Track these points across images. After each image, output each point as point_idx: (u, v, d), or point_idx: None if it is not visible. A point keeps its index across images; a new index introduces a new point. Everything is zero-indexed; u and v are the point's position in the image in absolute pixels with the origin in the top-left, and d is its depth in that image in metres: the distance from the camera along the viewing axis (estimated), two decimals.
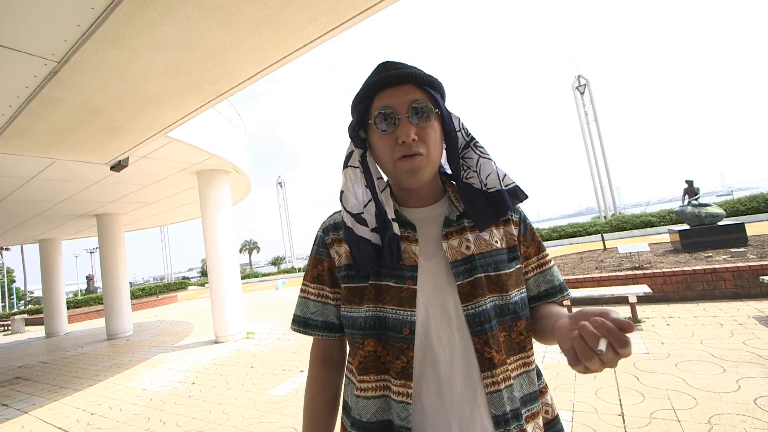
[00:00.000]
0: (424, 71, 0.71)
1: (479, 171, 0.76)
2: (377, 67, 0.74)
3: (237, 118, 7.65)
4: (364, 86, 0.73)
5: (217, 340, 7.01)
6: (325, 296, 0.79)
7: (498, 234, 0.75)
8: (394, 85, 0.70)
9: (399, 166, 0.69)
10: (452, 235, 0.73)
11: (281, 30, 2.17)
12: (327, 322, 0.78)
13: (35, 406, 4.63)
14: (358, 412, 0.69)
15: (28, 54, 2.00)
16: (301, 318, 0.81)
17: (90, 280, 37.38)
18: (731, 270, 4.92)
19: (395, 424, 0.65)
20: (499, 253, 0.73)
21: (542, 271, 0.80)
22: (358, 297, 0.72)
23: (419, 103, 0.69)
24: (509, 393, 0.66)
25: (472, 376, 0.66)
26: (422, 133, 0.68)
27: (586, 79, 22.72)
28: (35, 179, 5.73)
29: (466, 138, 0.78)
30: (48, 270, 12.33)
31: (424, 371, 0.66)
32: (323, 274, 0.79)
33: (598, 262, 7.93)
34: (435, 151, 0.71)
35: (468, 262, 0.70)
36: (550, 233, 19.38)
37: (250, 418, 3.32)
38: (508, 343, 0.69)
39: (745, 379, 2.68)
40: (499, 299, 0.70)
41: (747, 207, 14.86)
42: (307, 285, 0.81)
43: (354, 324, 0.72)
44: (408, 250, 0.72)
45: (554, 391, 2.95)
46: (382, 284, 0.70)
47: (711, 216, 7.55)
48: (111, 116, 2.92)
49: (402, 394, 0.65)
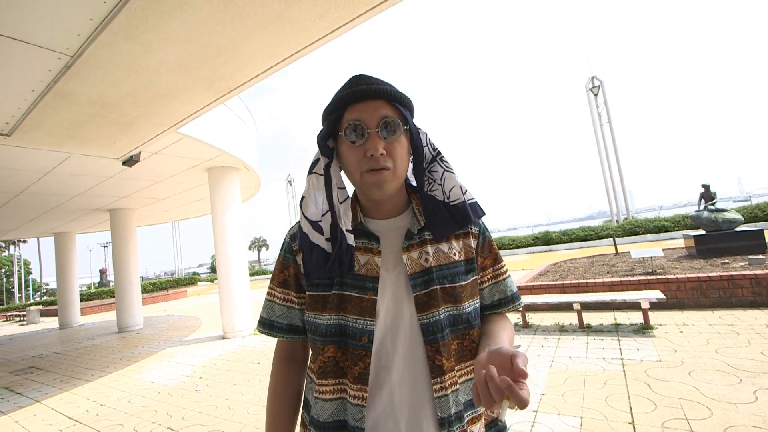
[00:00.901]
0: (395, 88, 0.74)
1: (443, 184, 0.80)
2: (349, 80, 0.76)
3: (247, 115, 7.71)
4: (335, 98, 0.75)
5: (225, 335, 7.07)
6: (290, 300, 0.82)
7: (457, 246, 0.79)
8: (365, 100, 0.72)
9: (366, 179, 0.72)
10: (413, 247, 0.76)
11: (292, 26, 2.16)
12: (291, 325, 0.82)
13: (47, 396, 4.73)
14: (317, 412, 0.73)
15: (42, 48, 2.03)
16: (267, 320, 0.83)
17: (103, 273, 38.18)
18: (749, 277, 4.77)
19: (350, 425, 0.70)
20: (457, 265, 0.77)
21: (497, 282, 0.84)
22: (321, 305, 0.75)
23: (389, 119, 0.71)
24: (455, 397, 0.71)
25: (422, 381, 0.71)
26: (390, 148, 0.71)
27: (600, 80, 22.36)
28: (51, 173, 5.85)
29: (433, 152, 0.82)
30: (62, 263, 12.61)
31: (379, 377, 0.71)
32: (289, 280, 0.81)
33: (610, 266, 7.77)
34: (401, 165, 0.74)
35: (426, 274, 0.74)
36: (560, 236, 19.08)
37: (256, 414, 3.33)
38: (460, 351, 0.74)
39: (763, 390, 2.59)
40: (453, 309, 0.74)
41: (766, 213, 14.44)
42: (273, 289, 0.84)
43: (316, 330, 0.75)
44: (371, 262, 0.75)
45: (562, 396, 2.89)
46: (345, 294, 0.73)
47: (728, 221, 7.34)
48: (123, 111, 2.96)
49: (358, 398, 0.70)
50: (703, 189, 8.12)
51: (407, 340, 0.72)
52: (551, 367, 3.52)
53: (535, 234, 20.31)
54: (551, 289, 6.00)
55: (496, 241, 11.91)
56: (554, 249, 18.65)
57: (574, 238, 18.65)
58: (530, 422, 2.56)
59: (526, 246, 19.79)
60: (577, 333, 4.48)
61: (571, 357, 3.71)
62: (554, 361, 3.64)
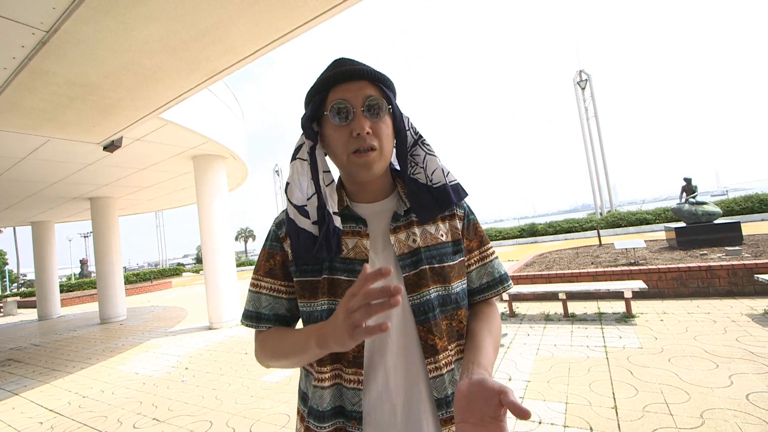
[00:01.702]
0: (377, 69, 0.74)
1: (426, 167, 0.81)
2: (333, 62, 0.76)
3: (234, 103, 7.52)
4: (319, 80, 0.74)
5: (212, 326, 6.99)
6: (277, 290, 0.79)
7: (443, 228, 0.80)
8: (349, 80, 0.72)
9: (353, 160, 0.71)
10: (400, 229, 0.77)
11: (282, 4, 2.09)
12: (278, 314, 0.79)
13: (26, 388, 4.60)
14: (315, 401, 0.72)
15: (13, 21, 1.91)
16: (254, 313, 0.80)
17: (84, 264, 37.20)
18: (726, 268, 4.94)
19: (346, 409, 0.70)
20: (444, 246, 0.78)
21: (484, 264, 0.84)
22: (310, 291, 0.74)
23: (373, 99, 0.71)
24: (450, 377, 0.71)
25: (416, 362, 0.71)
26: (376, 128, 0.71)
27: (588, 74, 22.58)
28: (28, 159, 5.61)
29: (415, 136, 0.82)
30: (41, 253, 12.22)
31: (373, 360, 0.71)
32: (275, 268, 0.79)
33: (594, 257, 7.95)
34: (387, 145, 0.74)
35: (414, 254, 0.75)
36: (546, 228, 19.42)
37: (244, 404, 3.31)
38: (449, 331, 0.74)
39: (738, 375, 2.69)
40: (442, 290, 0.75)
41: (742, 207, 14.96)
42: (259, 279, 0.81)
43: (310, 317, 0.74)
44: (359, 245, 0.75)
45: (548, 383, 2.95)
46: (335, 278, 0.73)
47: (708, 214, 7.58)
48: (104, 93, 2.83)
49: (354, 381, 0.70)
50: (685, 182, 8.34)
51: (399, 322, 0.72)
52: (537, 354, 3.59)
53: (522, 225, 20.63)
54: (537, 279, 6.10)
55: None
56: (540, 240, 18.99)
57: (559, 229, 19.02)
58: None
59: (512, 237, 20.09)
60: (562, 322, 4.58)
61: (557, 345, 3.79)
62: (540, 349, 3.72)
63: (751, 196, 15.20)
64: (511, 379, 3.10)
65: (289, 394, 3.39)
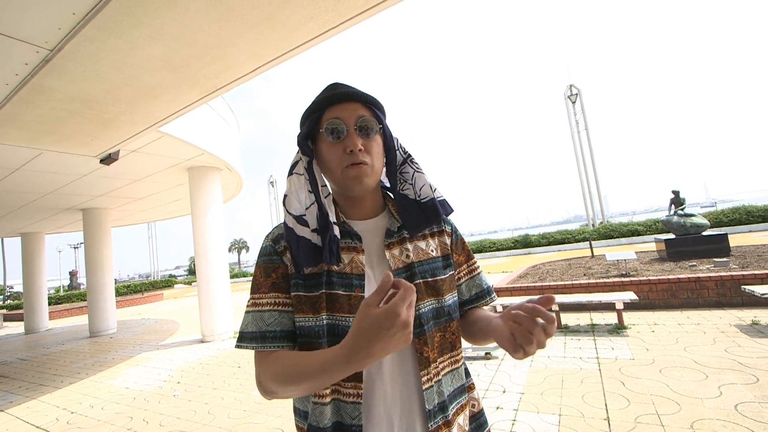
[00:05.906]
0: (368, 93, 0.81)
1: (414, 183, 0.86)
2: (328, 86, 0.82)
3: (230, 115, 7.59)
4: (315, 101, 0.80)
5: (204, 339, 6.90)
6: (283, 303, 0.76)
7: (434, 243, 0.85)
8: (343, 102, 0.78)
9: (346, 173, 0.75)
10: (394, 245, 0.80)
11: (281, 27, 2.16)
12: (286, 330, 0.74)
13: (12, 404, 4.50)
14: (316, 418, 0.72)
15: (19, 41, 1.95)
16: (257, 333, 0.73)
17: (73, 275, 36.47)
18: (714, 279, 5.04)
19: (345, 423, 0.70)
20: (435, 260, 0.82)
21: (472, 277, 0.90)
22: (310, 306, 0.74)
23: (365, 119, 0.77)
24: (438, 388, 0.74)
25: (411, 374, 0.73)
26: (367, 145, 0.76)
27: (578, 88, 23.11)
28: (21, 170, 5.59)
29: (404, 155, 0.88)
30: (29, 265, 12.00)
31: (371, 373, 0.72)
32: (278, 282, 0.77)
33: (586, 268, 8.04)
34: (378, 161, 0.79)
35: (409, 269, 0.78)
36: (539, 239, 19.58)
37: (237, 419, 3.28)
38: (442, 343, 0.78)
39: (727, 386, 2.74)
40: (435, 303, 0.78)
41: (730, 218, 15.26)
42: (260, 297, 0.76)
43: (310, 332, 0.73)
44: (355, 260, 0.77)
45: (541, 395, 2.98)
46: (333, 293, 0.74)
47: (696, 226, 7.73)
48: (104, 107, 2.87)
49: (353, 395, 0.71)
50: (673, 195, 8.53)
51: None
52: (531, 366, 3.62)
53: (515, 237, 20.77)
54: (531, 290, 6.16)
55: (477, 244, 12.08)
56: (533, 252, 19.11)
57: (552, 241, 19.19)
58: (511, 420, 2.63)
59: (506, 249, 20.20)
60: (555, 333, 4.62)
61: (550, 356, 3.82)
62: (533, 361, 3.74)
63: (738, 207, 15.53)
64: (505, 391, 3.12)
65: (283, 408, 3.36)
